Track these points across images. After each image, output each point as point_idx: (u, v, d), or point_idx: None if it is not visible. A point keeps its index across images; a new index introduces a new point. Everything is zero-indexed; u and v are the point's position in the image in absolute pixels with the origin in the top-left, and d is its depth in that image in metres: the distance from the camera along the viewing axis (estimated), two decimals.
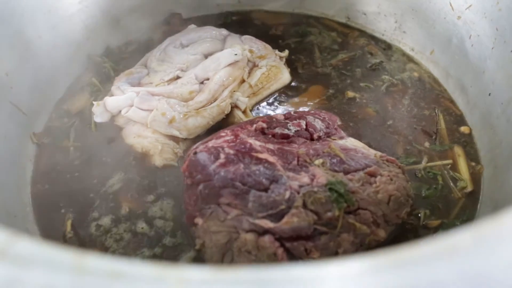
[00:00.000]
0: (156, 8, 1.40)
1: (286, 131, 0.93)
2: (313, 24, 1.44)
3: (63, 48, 1.16)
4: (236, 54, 1.13)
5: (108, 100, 1.04)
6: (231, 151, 0.82)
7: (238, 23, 1.46)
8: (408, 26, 1.29)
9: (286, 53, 1.26)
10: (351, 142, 0.93)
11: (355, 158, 0.85)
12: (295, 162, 0.82)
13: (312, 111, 1.06)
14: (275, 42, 1.34)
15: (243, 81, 1.14)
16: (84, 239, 0.87)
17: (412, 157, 1.01)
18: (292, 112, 1.03)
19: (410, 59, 1.29)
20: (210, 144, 0.86)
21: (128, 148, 1.02)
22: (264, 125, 0.94)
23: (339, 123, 1.09)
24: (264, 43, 1.26)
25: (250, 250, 0.75)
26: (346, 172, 0.81)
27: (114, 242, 0.87)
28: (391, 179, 0.82)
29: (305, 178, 0.78)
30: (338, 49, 1.32)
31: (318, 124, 0.98)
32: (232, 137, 0.87)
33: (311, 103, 1.15)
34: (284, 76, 1.20)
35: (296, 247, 0.74)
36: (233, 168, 0.78)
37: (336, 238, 0.76)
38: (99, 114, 1.04)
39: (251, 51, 1.18)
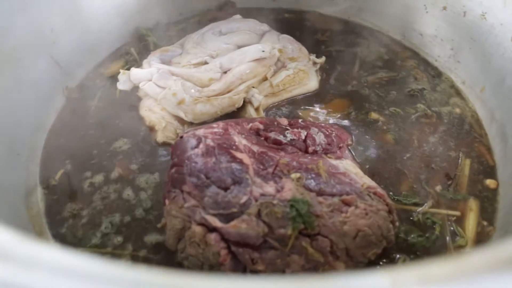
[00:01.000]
0: None
1: (280, 137, 0.90)
2: (364, 35, 1.36)
3: (113, 17, 1.25)
4: (263, 51, 1.12)
5: (133, 71, 1.10)
6: (212, 143, 0.82)
7: (289, 21, 1.43)
8: (463, 56, 1.15)
9: (322, 60, 1.21)
10: (345, 164, 0.87)
11: (338, 182, 0.80)
12: (270, 169, 0.79)
13: (323, 124, 1.01)
14: (317, 47, 1.30)
15: (265, 78, 1.13)
16: (72, 190, 0.94)
17: (414, 198, 0.91)
18: (300, 120, 0.99)
19: (457, 93, 1.16)
20: (199, 131, 0.86)
21: (140, 119, 1.08)
22: (261, 126, 0.93)
23: (350, 142, 1.02)
24: (301, 46, 1.22)
25: (198, 243, 0.75)
26: (320, 194, 0.76)
27: (100, 199, 0.93)
28: (366, 214, 0.76)
29: (270, 188, 0.75)
30: (381, 67, 1.23)
31: (320, 138, 0.93)
32: (221, 130, 0.87)
33: (330, 116, 1.10)
34: (311, 83, 1.15)
35: (242, 253, 0.72)
36: (204, 160, 0.79)
37: (285, 257, 0.72)
38: (122, 82, 1.11)
39: (280, 51, 1.15)
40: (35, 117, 1.03)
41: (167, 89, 1.04)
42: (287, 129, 0.94)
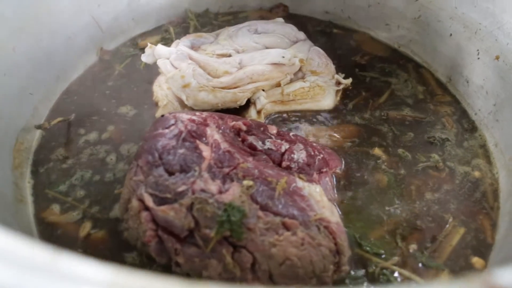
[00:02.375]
0: None
1: (257, 143, 0.88)
2: (407, 68, 1.25)
3: None
4: (283, 57, 1.09)
5: (158, 47, 1.15)
6: (183, 129, 0.83)
7: (335, 36, 1.38)
8: (505, 115, 1.00)
9: (347, 81, 1.15)
10: (313, 190, 0.81)
11: (290, 204, 0.75)
12: (227, 170, 0.77)
13: (316, 144, 0.96)
14: (352, 68, 1.23)
15: (278, 84, 1.10)
16: (69, 139, 1.01)
17: (379, 249, 0.82)
18: (291, 134, 0.95)
19: (485, 154, 1.02)
20: (180, 115, 0.88)
21: (150, 93, 1.12)
22: (243, 127, 0.91)
23: (337, 171, 0.95)
24: (329, 62, 1.17)
25: (135, 217, 0.76)
26: (263, 209, 0.73)
27: (87, 155, 0.99)
28: (302, 244, 0.70)
29: (213, 187, 0.73)
30: (410, 105, 1.13)
31: (300, 156, 0.89)
32: (200, 119, 0.87)
33: (331, 139, 1.03)
34: (324, 101, 1.10)
35: (166, 240, 0.72)
36: (166, 142, 0.79)
37: (205, 258, 0.70)
38: (146, 55, 1.16)
39: (302, 62, 1.11)
40: (61, 66, 1.12)
41: (178, 70, 1.06)
42: (270, 138, 0.91)
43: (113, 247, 0.81)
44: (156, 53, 1.15)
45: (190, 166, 0.76)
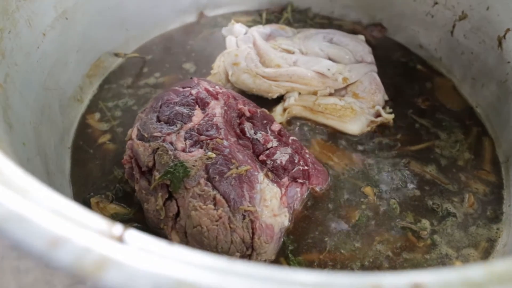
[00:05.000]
0: (370, 8, 1.42)
1: (248, 131, 0.97)
2: (469, 131, 1.13)
3: None
4: (328, 69, 1.12)
5: (236, 25, 1.30)
6: (194, 93, 0.97)
7: (414, 72, 1.30)
8: None
9: (387, 117, 1.11)
10: (267, 189, 0.86)
11: (234, 187, 0.82)
12: (202, 137, 0.88)
13: (309, 156, 0.99)
14: (406, 108, 1.17)
15: (315, 93, 1.14)
16: (136, 73, 1.27)
17: (301, 266, 0.84)
18: (291, 138, 1.00)
19: (485, 250, 0.89)
20: (204, 82, 1.01)
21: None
22: (247, 113, 1.00)
23: (317, 189, 0.97)
24: (378, 92, 1.14)
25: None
26: (208, 180, 0.82)
27: (143, 92, 1.22)
28: (217, 221, 0.79)
29: (180, 145, 0.86)
30: (441, 166, 1.04)
31: (282, 158, 0.94)
32: (214, 92, 0.99)
33: (332, 160, 1.04)
34: (351, 125, 1.09)
35: (132, 168, 0.89)
36: (172, 96, 0.95)
37: (148, 194, 0.85)
38: (226, 29, 1.33)
39: (345, 80, 1.12)
40: (162, 17, 1.37)
41: (236, 49, 1.20)
42: (265, 132, 0.98)
43: (113, 159, 1.03)
44: (233, 29, 1.30)
45: (175, 121, 0.90)
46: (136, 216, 0.92)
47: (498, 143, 1.09)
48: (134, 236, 0.36)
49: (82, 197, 0.94)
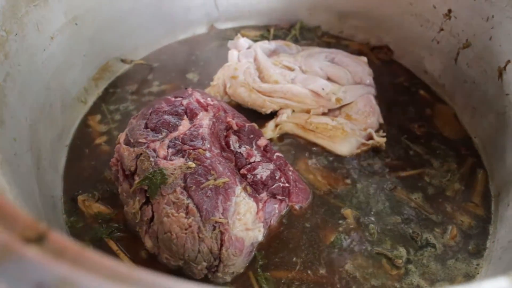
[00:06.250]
0: (378, 30, 1.42)
1: (232, 144, 0.99)
2: (464, 162, 1.10)
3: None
4: (323, 89, 1.13)
5: (241, 39, 1.33)
6: (185, 104, 1.00)
7: (415, 97, 1.29)
8: None
9: (379, 140, 1.10)
10: (243, 202, 0.87)
11: (209, 198, 0.84)
12: (186, 147, 0.91)
13: (292, 173, 1.00)
14: (400, 133, 1.16)
15: (308, 111, 1.15)
16: (141, 79, 1.32)
17: (267, 285, 0.85)
18: (276, 154, 1.01)
19: (459, 284, 0.86)
20: (196, 94, 1.05)
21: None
22: (235, 127, 1.02)
23: (297, 207, 0.98)
24: (372, 115, 1.14)
25: None
26: (185, 188, 0.85)
27: (146, 99, 1.28)
28: (186, 229, 0.81)
29: (162, 152, 0.89)
30: (428, 195, 1.02)
31: (262, 173, 0.95)
32: (205, 104, 1.02)
33: (318, 182, 1.04)
34: (340, 146, 1.10)
35: (118, 171, 0.93)
36: (163, 105, 0.99)
37: (128, 196, 0.89)
38: (232, 42, 1.36)
39: (337, 100, 1.12)
40: (173, 27, 1.43)
41: (236, 61, 1.23)
42: (250, 147, 1.00)
43: (106, 160, 1.07)
44: (238, 43, 1.34)
45: (161, 129, 0.93)
46: (118, 217, 0.95)
47: (491, 176, 1.06)
48: (54, 238, 0.39)
49: (71, 193, 0.99)
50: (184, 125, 0.96)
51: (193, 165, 0.88)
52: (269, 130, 1.15)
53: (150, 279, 0.37)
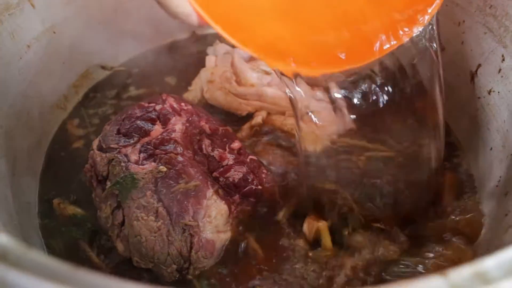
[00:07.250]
0: None
1: (205, 148, 1.01)
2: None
3: None
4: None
5: (220, 45, 1.34)
6: (158, 109, 1.02)
7: None
8: None
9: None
10: (214, 205, 0.88)
11: (179, 201, 0.85)
12: (157, 151, 0.93)
13: (265, 175, 1.01)
14: None
15: (284, 113, 1.17)
16: (121, 84, 1.34)
17: None
18: (250, 157, 1.03)
19: None
20: (170, 99, 1.06)
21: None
22: (208, 131, 1.04)
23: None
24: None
25: None
26: (155, 192, 0.86)
27: (125, 103, 1.29)
28: (155, 232, 0.83)
29: (134, 157, 0.91)
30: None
31: (234, 176, 0.96)
32: (178, 109, 1.04)
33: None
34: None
35: (92, 177, 0.95)
36: (136, 111, 1.01)
37: (101, 201, 0.91)
38: (211, 48, 1.38)
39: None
40: (154, 34, 1.43)
41: (214, 66, 1.25)
42: (223, 150, 1.02)
43: (82, 164, 1.08)
44: (215, 49, 1.36)
45: (133, 135, 0.95)
46: (93, 220, 0.97)
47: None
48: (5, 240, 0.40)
49: (46, 196, 1.01)
50: (157, 130, 0.98)
51: (164, 169, 0.90)
52: (243, 129, 1.17)
53: (92, 280, 0.38)
